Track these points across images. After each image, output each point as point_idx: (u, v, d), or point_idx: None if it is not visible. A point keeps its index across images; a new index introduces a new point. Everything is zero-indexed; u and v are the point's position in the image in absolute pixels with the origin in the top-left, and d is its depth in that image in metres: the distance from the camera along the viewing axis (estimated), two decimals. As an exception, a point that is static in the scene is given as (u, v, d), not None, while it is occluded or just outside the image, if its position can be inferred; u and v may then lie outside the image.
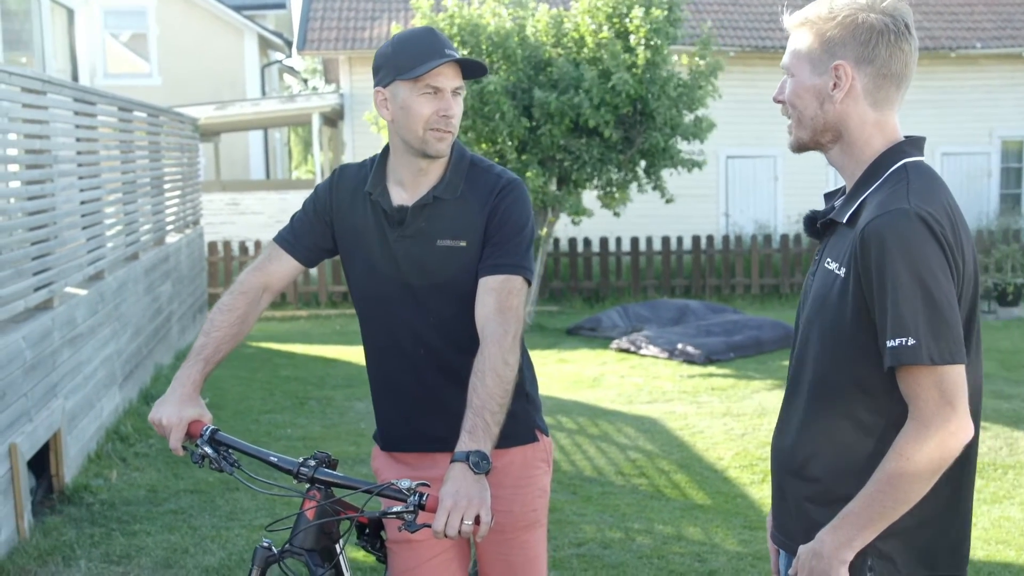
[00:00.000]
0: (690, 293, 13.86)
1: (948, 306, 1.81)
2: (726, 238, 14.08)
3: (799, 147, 2.07)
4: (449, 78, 2.45)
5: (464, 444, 2.21)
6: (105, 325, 6.72)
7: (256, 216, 15.55)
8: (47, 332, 5.43)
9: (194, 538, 4.93)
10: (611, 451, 6.63)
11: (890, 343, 1.82)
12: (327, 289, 13.55)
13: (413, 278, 2.54)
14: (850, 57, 1.95)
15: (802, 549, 1.94)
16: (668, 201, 11.77)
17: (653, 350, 9.90)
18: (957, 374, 1.81)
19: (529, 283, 2.50)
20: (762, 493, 5.74)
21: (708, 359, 9.52)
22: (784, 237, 14.12)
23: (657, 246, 14.48)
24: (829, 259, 1.99)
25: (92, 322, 6.39)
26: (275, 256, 2.67)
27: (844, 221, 1.97)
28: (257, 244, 13.63)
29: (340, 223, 2.63)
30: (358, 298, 2.66)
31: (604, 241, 13.74)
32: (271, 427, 7.06)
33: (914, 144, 1.99)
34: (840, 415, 1.94)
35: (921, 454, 1.81)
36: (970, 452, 1.94)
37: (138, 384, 7.64)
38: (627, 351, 10.17)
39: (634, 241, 13.83)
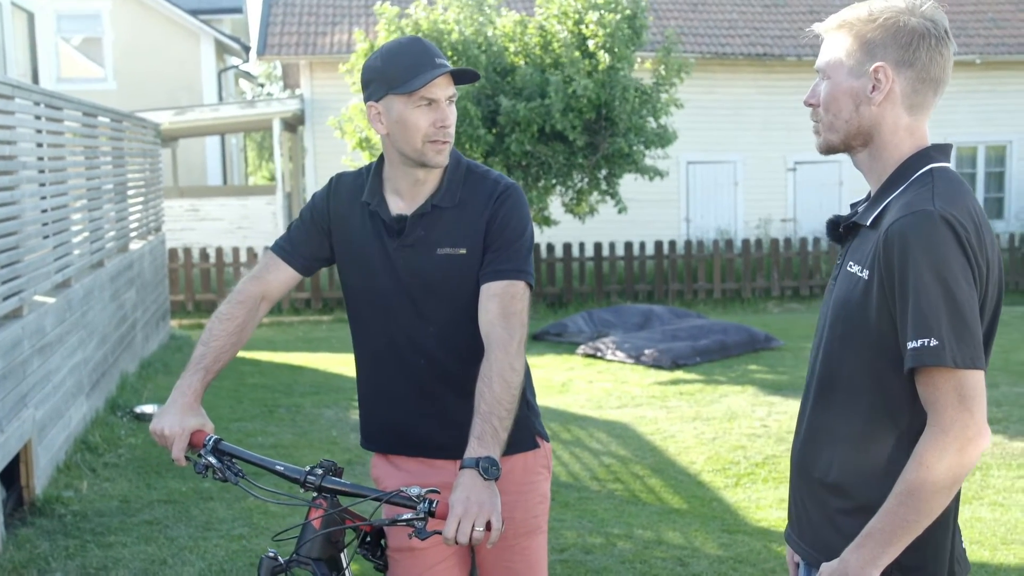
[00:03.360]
0: (653, 298, 13.93)
1: (970, 310, 1.79)
2: (688, 243, 14.18)
3: (828, 150, 2.05)
4: (443, 88, 2.44)
5: (473, 450, 2.21)
6: (72, 333, 6.62)
7: (216, 222, 15.40)
8: (17, 341, 5.35)
9: (171, 549, 4.87)
10: (585, 456, 6.65)
11: (911, 344, 1.80)
12: (289, 296, 13.44)
13: (413, 287, 2.53)
14: (890, 59, 1.93)
15: (825, 568, 1.91)
16: (621, 211, 11.88)
17: (620, 355, 9.94)
18: (977, 379, 1.79)
19: (531, 287, 2.51)
20: (737, 497, 5.79)
21: (675, 364, 9.57)
22: (745, 242, 14.25)
23: (620, 251, 14.54)
24: (851, 262, 1.97)
25: (60, 330, 6.30)
26: (272, 265, 2.64)
27: (868, 224, 1.96)
28: (218, 251, 13.49)
29: (338, 232, 2.61)
30: (355, 307, 2.64)
31: (568, 247, 13.78)
32: (241, 436, 7.00)
33: (941, 150, 1.98)
34: (866, 420, 1.92)
35: (941, 462, 1.78)
36: None
37: (104, 393, 7.54)
38: (594, 356, 10.20)
39: (597, 246, 13.88)
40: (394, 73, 2.43)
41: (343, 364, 9.92)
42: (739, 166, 16.92)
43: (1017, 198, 17.55)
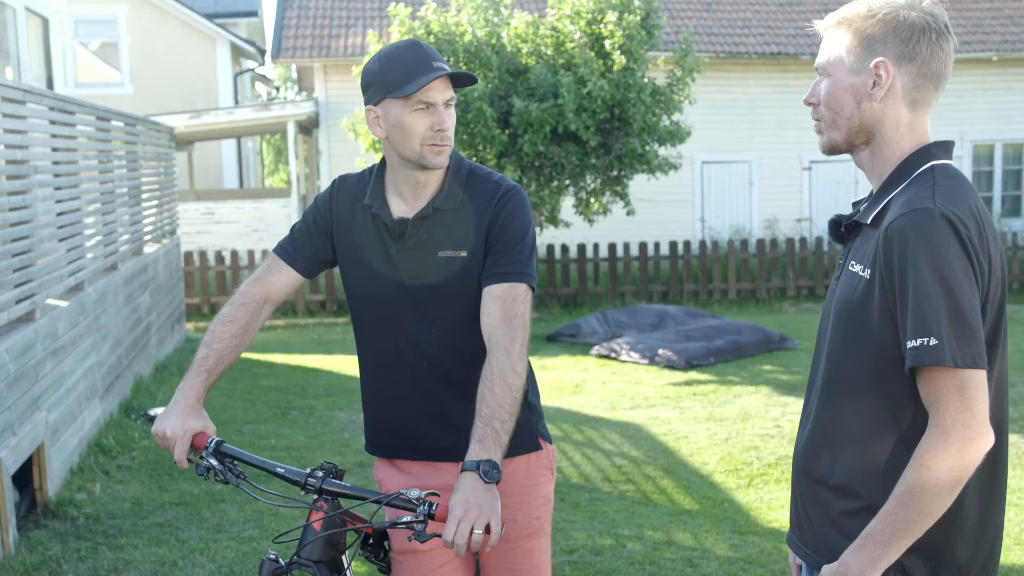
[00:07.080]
0: (667, 298, 13.89)
1: (971, 309, 1.77)
2: (703, 243, 14.14)
3: (831, 149, 2.03)
4: (440, 91, 2.43)
5: (474, 453, 2.20)
6: (86, 336, 6.66)
7: (232, 225, 15.46)
8: (30, 344, 5.38)
9: (182, 551, 4.89)
10: (597, 457, 6.63)
11: (911, 343, 1.77)
12: (304, 298, 13.48)
13: (415, 290, 2.53)
14: (891, 55, 1.91)
15: (825, 570, 1.89)
16: (630, 213, 11.89)
17: (634, 356, 9.92)
18: (979, 379, 1.77)
19: (533, 290, 2.50)
20: (748, 498, 5.77)
21: (689, 364, 9.55)
22: (760, 242, 14.19)
23: (634, 252, 14.51)
24: (853, 261, 1.94)
25: (73, 334, 6.33)
26: (275, 267, 2.65)
27: (868, 222, 1.94)
28: (234, 254, 13.54)
29: (340, 234, 2.61)
30: (357, 309, 2.64)
31: (581, 247, 13.77)
32: (254, 438, 7.01)
33: (942, 147, 1.96)
34: (869, 420, 1.90)
35: (942, 463, 1.76)
36: (999, 462, 1.89)
37: (118, 396, 7.57)
38: (608, 357, 10.18)
39: (611, 247, 13.86)
40: (391, 77, 2.42)
41: (357, 366, 9.93)
42: (754, 165, 16.87)
43: (1035, 196, 17.43)
